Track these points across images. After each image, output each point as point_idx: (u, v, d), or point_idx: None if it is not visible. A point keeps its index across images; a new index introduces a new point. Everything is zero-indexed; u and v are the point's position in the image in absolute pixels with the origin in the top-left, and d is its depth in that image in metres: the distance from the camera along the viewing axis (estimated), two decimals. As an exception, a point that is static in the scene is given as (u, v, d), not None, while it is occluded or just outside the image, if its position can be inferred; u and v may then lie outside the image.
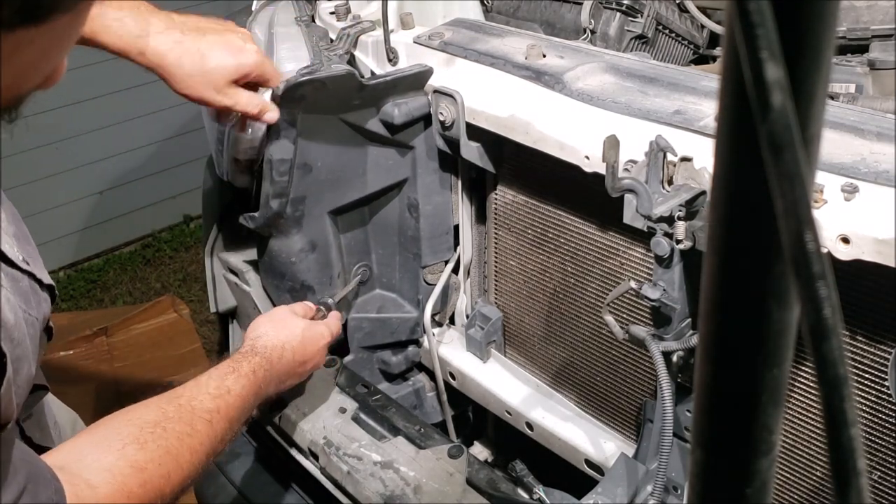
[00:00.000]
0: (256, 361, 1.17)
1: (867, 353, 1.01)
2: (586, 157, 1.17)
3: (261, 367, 1.17)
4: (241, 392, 1.11)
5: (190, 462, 0.98)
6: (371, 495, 1.25)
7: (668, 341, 1.15)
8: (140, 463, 0.91)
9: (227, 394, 1.08)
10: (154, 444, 0.94)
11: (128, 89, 3.22)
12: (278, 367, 1.21)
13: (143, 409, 0.99)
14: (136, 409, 0.99)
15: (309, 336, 1.28)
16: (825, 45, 0.31)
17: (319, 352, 1.31)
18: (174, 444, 0.96)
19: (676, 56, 1.71)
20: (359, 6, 1.64)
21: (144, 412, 0.99)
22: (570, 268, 1.37)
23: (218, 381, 1.10)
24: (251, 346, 1.21)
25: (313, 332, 1.29)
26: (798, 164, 0.30)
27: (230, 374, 1.12)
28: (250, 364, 1.16)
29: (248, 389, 1.12)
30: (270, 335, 1.23)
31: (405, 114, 1.42)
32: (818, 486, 1.12)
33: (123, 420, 0.96)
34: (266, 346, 1.21)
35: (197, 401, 1.05)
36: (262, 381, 1.16)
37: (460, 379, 1.59)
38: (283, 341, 1.23)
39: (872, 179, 0.95)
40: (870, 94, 1.30)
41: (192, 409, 1.03)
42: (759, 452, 0.39)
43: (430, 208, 1.53)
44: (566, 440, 1.41)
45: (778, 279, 0.35)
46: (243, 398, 1.11)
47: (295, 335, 1.25)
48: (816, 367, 0.32)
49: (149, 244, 3.68)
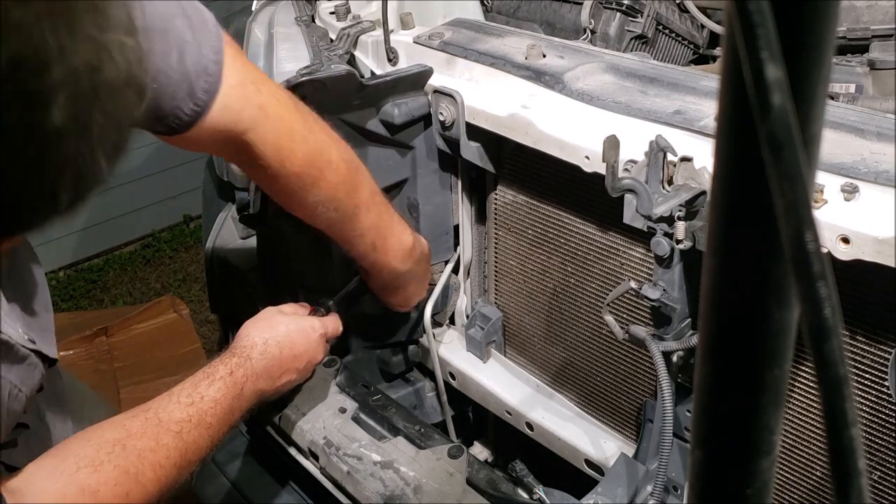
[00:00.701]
0: (234, 362, 1.16)
1: (867, 353, 1.01)
2: (586, 157, 1.17)
3: (239, 366, 1.15)
4: (215, 396, 1.09)
5: (154, 479, 0.97)
6: (371, 495, 1.25)
7: (668, 341, 1.15)
8: (92, 486, 0.90)
9: (201, 400, 1.08)
10: (110, 465, 0.93)
11: (128, 89, 3.22)
12: (260, 363, 1.18)
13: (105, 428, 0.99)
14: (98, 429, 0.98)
15: (295, 329, 1.25)
16: (825, 45, 0.31)
17: (312, 345, 1.28)
18: (133, 463, 0.96)
19: (676, 56, 1.71)
20: (359, 6, 1.64)
21: (106, 431, 0.98)
22: (570, 268, 1.37)
23: (190, 389, 1.09)
24: (230, 350, 1.20)
25: (300, 325, 1.27)
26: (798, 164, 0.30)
27: (204, 380, 1.11)
28: (226, 366, 1.14)
29: (224, 392, 1.11)
30: (252, 336, 1.22)
31: (405, 114, 1.42)
32: (818, 486, 1.12)
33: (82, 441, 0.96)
34: (244, 346, 1.20)
35: (165, 413, 1.04)
36: (242, 380, 1.15)
37: (460, 379, 1.59)
38: (264, 338, 1.21)
39: (872, 179, 0.95)
40: (870, 94, 1.30)
41: (158, 422, 1.02)
42: (760, 452, 0.39)
43: (430, 208, 1.53)
44: (566, 440, 1.41)
45: (778, 279, 0.35)
46: (218, 402, 1.09)
47: (278, 331, 1.23)
48: (816, 367, 0.32)
49: (149, 244, 3.68)
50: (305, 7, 1.63)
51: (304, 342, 1.26)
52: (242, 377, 1.15)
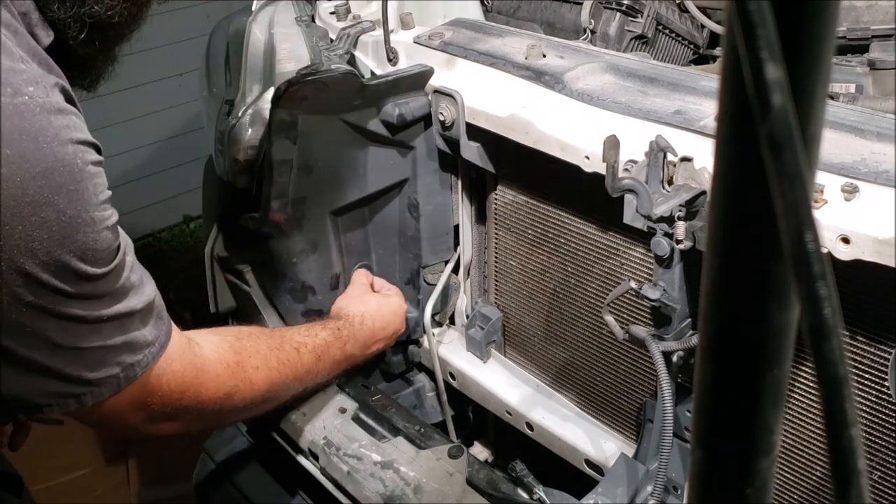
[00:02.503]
0: (341, 323, 1.37)
1: (867, 353, 1.01)
2: (586, 157, 1.17)
3: (345, 327, 1.37)
4: (327, 338, 1.31)
5: (277, 369, 1.20)
6: (371, 495, 1.25)
7: (668, 341, 1.15)
8: (236, 347, 1.14)
9: (315, 336, 1.30)
10: (249, 343, 1.18)
11: (127, 89, 3.22)
12: (360, 331, 1.39)
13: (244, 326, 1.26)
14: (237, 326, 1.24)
15: (385, 305, 1.46)
16: (825, 45, 0.31)
17: (398, 320, 1.48)
18: (264, 349, 1.19)
19: (676, 56, 1.71)
20: (359, 6, 1.64)
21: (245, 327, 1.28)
22: (570, 268, 1.37)
23: (307, 328, 1.32)
24: (336, 313, 1.42)
25: (389, 302, 1.47)
26: (798, 164, 0.30)
27: (318, 325, 1.34)
28: (335, 323, 1.37)
29: (332, 339, 1.32)
30: (351, 307, 1.43)
31: (405, 114, 1.42)
32: (818, 486, 1.12)
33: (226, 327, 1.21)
34: (349, 314, 1.41)
35: (288, 333, 1.28)
36: (347, 339, 1.35)
37: (460, 379, 1.59)
38: (360, 311, 1.42)
39: (872, 179, 0.95)
40: (870, 94, 1.30)
41: (282, 336, 1.26)
42: (759, 452, 0.39)
43: (430, 208, 1.53)
44: (566, 440, 1.41)
45: (778, 279, 0.35)
46: (329, 344, 1.31)
47: (370, 306, 1.44)
48: (816, 367, 0.32)
49: (149, 244, 3.68)
50: (305, 7, 1.63)
51: (393, 318, 1.46)
52: (347, 337, 1.36)
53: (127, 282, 0.92)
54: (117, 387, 0.93)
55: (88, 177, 0.84)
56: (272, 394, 1.20)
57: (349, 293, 1.48)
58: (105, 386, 0.92)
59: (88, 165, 0.84)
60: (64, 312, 0.85)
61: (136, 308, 0.93)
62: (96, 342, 0.89)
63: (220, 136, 1.49)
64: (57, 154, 0.80)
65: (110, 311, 0.89)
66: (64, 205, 0.81)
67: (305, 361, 1.25)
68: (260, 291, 1.62)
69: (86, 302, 0.87)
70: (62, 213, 0.81)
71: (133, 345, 0.93)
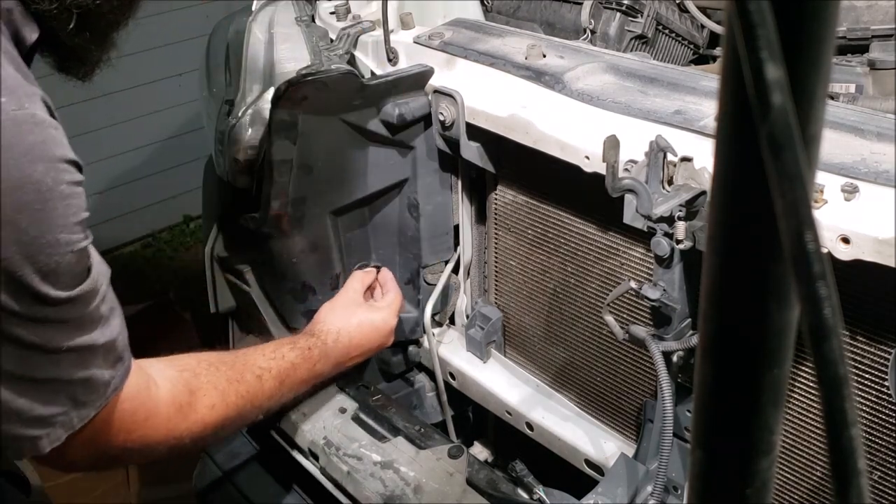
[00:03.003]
0: (313, 341, 1.32)
1: (867, 353, 1.01)
2: (586, 157, 1.17)
3: (315, 346, 1.31)
4: (294, 360, 1.26)
5: (235, 403, 1.13)
6: (371, 495, 1.25)
7: (668, 341, 1.15)
8: (192, 386, 1.08)
9: (282, 359, 1.24)
10: (206, 379, 1.10)
11: (127, 90, 3.22)
12: (333, 349, 1.34)
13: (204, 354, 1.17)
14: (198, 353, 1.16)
15: (367, 322, 1.40)
16: (825, 45, 0.31)
17: (382, 336, 1.42)
18: (223, 384, 1.12)
19: (676, 56, 1.71)
20: (359, 6, 1.64)
21: (204, 355, 1.17)
22: (570, 268, 1.37)
23: (274, 348, 1.26)
24: (311, 329, 1.37)
25: (372, 317, 1.41)
26: (798, 164, 0.30)
27: (286, 345, 1.29)
28: (306, 342, 1.31)
29: (301, 360, 1.27)
30: (328, 322, 1.37)
31: (405, 114, 1.42)
32: (818, 486, 1.12)
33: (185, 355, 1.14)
34: (322, 331, 1.35)
35: (252, 358, 1.21)
36: (317, 359, 1.30)
37: (460, 379, 1.59)
38: (338, 328, 1.36)
39: (872, 179, 0.95)
40: (870, 94, 1.30)
41: (245, 363, 1.19)
42: (759, 452, 0.39)
43: (430, 208, 1.53)
44: (566, 440, 1.41)
45: (778, 279, 0.35)
46: (295, 366, 1.26)
47: (350, 322, 1.38)
48: (816, 367, 0.32)
49: (149, 244, 3.68)
50: (305, 7, 1.63)
51: (374, 334, 1.40)
52: (318, 357, 1.31)
53: (95, 312, 0.86)
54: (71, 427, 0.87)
55: (59, 197, 0.78)
56: (225, 429, 1.15)
57: (335, 302, 1.42)
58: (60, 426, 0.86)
59: (62, 185, 0.79)
60: (20, 338, 0.79)
61: (98, 342, 0.86)
62: (52, 374, 0.83)
63: (220, 136, 1.48)
64: (24, 171, 0.75)
65: (71, 343, 0.83)
66: (26, 224, 0.76)
67: (267, 389, 1.20)
68: (260, 291, 1.62)
69: (44, 327, 0.81)
70: (23, 232, 0.76)
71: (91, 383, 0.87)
